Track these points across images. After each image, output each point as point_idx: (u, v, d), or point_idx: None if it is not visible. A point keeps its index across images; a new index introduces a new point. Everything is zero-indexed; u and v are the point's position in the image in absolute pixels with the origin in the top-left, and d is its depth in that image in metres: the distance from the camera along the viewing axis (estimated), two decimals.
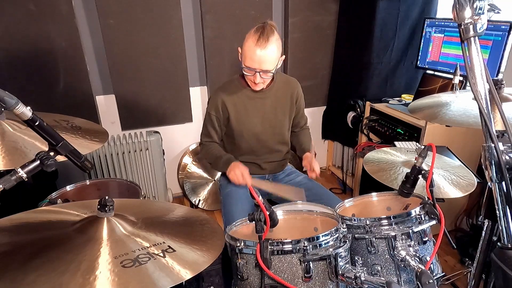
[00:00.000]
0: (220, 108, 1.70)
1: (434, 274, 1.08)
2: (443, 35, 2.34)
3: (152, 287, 0.71)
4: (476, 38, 0.74)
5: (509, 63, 2.01)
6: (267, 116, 1.73)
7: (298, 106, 1.83)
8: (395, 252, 1.03)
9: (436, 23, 2.38)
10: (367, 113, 2.70)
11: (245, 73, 1.59)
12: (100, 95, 2.57)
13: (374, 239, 1.06)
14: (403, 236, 1.04)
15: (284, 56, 1.64)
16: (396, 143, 2.16)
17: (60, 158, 0.91)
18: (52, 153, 0.87)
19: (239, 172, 1.60)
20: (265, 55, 1.50)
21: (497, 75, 2.00)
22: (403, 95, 2.70)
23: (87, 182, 1.73)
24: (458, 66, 1.91)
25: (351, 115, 2.82)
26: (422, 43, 2.49)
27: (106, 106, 2.61)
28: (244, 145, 1.77)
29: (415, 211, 1.07)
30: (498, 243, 0.78)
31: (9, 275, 0.69)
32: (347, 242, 0.98)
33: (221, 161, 1.71)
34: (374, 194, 1.30)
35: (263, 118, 1.73)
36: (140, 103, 2.62)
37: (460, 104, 1.29)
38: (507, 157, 0.75)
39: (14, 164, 0.92)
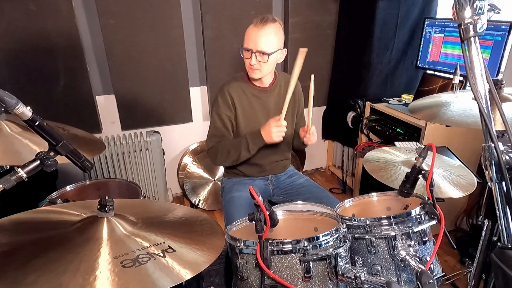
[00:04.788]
0: (232, 106, 1.68)
1: (434, 274, 1.08)
2: (443, 35, 2.34)
3: (152, 287, 0.71)
4: (476, 38, 0.74)
5: (509, 63, 2.01)
6: (272, 114, 1.70)
7: (299, 104, 1.83)
8: (395, 252, 1.03)
9: (436, 23, 2.38)
10: (367, 113, 2.70)
11: (243, 56, 1.58)
12: (100, 95, 2.58)
13: (374, 239, 1.05)
14: (403, 236, 1.04)
15: (286, 50, 1.63)
16: (396, 143, 2.16)
17: (61, 159, 0.90)
18: (52, 153, 0.87)
19: (275, 128, 1.54)
20: (261, 34, 1.52)
21: (497, 75, 2.00)
22: (403, 95, 2.70)
23: (87, 182, 1.73)
24: (458, 66, 1.90)
25: (351, 115, 2.82)
26: (422, 43, 2.49)
27: (106, 106, 2.61)
28: None
29: (415, 211, 1.07)
30: (498, 243, 0.79)
31: (9, 275, 0.69)
32: (347, 242, 0.98)
33: (245, 142, 1.62)
34: (374, 194, 1.30)
35: (268, 116, 1.70)
36: (140, 103, 2.62)
37: (459, 104, 1.29)
38: (507, 157, 0.75)
39: (19, 161, 0.91)
